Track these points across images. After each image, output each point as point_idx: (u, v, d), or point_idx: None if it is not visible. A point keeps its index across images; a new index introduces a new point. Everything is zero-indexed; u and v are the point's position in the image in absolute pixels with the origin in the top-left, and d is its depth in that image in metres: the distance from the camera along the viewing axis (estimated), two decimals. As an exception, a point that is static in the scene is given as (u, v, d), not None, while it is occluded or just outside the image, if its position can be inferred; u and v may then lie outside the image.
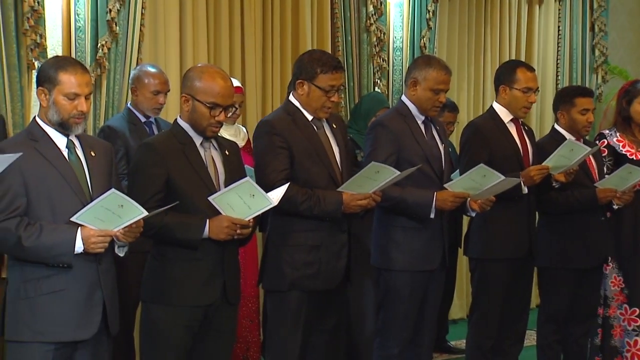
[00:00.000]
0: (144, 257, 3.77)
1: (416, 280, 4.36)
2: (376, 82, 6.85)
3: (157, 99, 4.92)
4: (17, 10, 4.89)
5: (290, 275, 3.99)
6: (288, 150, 3.98)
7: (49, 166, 3.26)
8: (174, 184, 3.59)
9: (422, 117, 4.43)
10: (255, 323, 5.40)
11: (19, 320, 3.23)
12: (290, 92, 4.16)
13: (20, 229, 3.17)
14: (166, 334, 3.59)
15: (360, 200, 3.98)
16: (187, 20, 5.77)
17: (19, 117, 4.88)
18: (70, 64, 3.33)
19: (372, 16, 6.76)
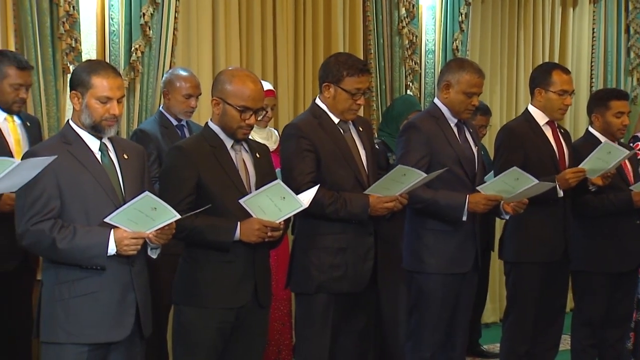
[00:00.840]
0: (176, 259, 3.78)
1: (448, 283, 4.34)
2: (408, 85, 6.84)
3: (188, 103, 4.95)
4: (52, 14, 4.95)
5: (317, 277, 4.00)
6: (314, 153, 3.98)
7: (83, 169, 3.28)
8: (205, 187, 3.61)
9: (454, 120, 4.42)
10: (287, 326, 5.40)
11: (54, 321, 3.25)
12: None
13: (54, 231, 3.19)
14: (198, 336, 3.60)
15: (387, 202, 3.97)
16: (219, 23, 5.79)
17: (54, 120, 4.93)
18: (103, 67, 3.36)
19: (405, 19, 6.75)
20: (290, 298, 5.40)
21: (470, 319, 4.58)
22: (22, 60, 4.43)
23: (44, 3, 4.86)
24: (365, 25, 6.59)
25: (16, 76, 4.33)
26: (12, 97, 4.34)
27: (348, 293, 4.04)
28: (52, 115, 4.94)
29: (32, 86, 4.65)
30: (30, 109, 4.82)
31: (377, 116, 6.44)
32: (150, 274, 3.51)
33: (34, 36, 4.82)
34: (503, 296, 5.64)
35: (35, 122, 4.60)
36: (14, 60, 4.35)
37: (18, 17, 4.81)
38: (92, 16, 5.24)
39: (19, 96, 4.36)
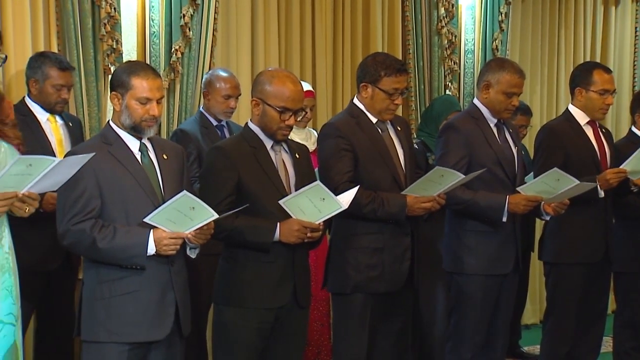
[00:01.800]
0: (215, 259, 3.80)
1: (489, 285, 4.31)
2: (447, 85, 6.80)
3: (228, 103, 4.97)
4: (94, 16, 4.99)
5: (353, 277, 4.00)
6: (352, 152, 3.98)
7: (122, 169, 3.30)
8: (244, 187, 3.62)
9: (494, 120, 4.39)
10: (325, 326, 5.40)
11: (95, 320, 3.28)
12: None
13: (95, 230, 3.22)
14: (238, 336, 3.61)
15: (425, 203, 3.96)
16: (258, 24, 5.81)
17: (95, 121, 4.98)
18: (142, 68, 3.38)
19: (444, 19, 6.71)
20: (329, 298, 5.40)
21: (510, 320, 4.55)
22: (64, 61, 4.48)
23: (86, 5, 4.91)
24: (404, 25, 6.57)
25: (58, 77, 4.38)
26: (54, 97, 4.39)
27: (385, 293, 4.03)
28: (94, 115, 4.98)
29: (73, 87, 4.70)
30: (72, 110, 4.86)
31: (416, 116, 6.42)
32: (190, 274, 3.53)
33: (75, 38, 4.86)
34: (543, 297, 5.59)
35: (77, 123, 4.65)
36: (55, 61, 4.40)
37: (60, 19, 4.86)
38: (132, 17, 5.28)
39: (61, 97, 4.41)
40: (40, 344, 4.53)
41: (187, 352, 3.63)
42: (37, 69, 4.39)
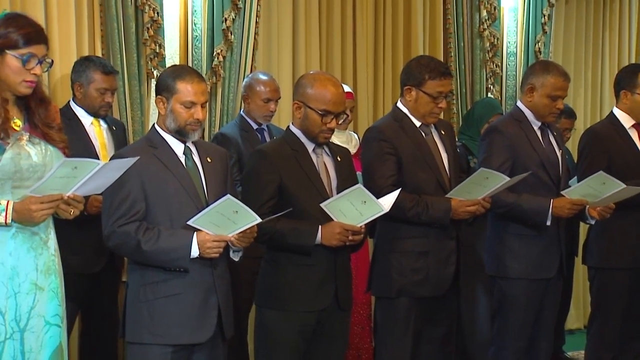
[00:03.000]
0: (256, 261, 3.81)
1: (532, 289, 4.28)
2: (489, 87, 6.76)
3: (268, 106, 4.99)
4: (137, 21, 5.03)
5: (398, 281, 3.99)
6: (396, 156, 3.97)
7: (167, 172, 3.33)
8: (286, 191, 3.62)
9: (538, 123, 4.37)
10: (366, 330, 5.39)
11: (139, 322, 3.31)
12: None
13: (140, 233, 3.25)
14: (280, 338, 3.62)
15: (470, 206, 3.94)
16: (299, 27, 5.82)
17: (139, 124, 5.02)
18: (188, 73, 3.40)
19: (486, 21, 6.67)
20: (370, 302, 5.39)
21: (554, 325, 4.51)
22: (107, 65, 4.53)
23: (129, 9, 4.96)
24: (445, 27, 6.54)
25: (102, 80, 4.43)
26: (98, 101, 4.44)
27: (430, 297, 4.01)
28: (137, 119, 5.02)
29: (117, 91, 4.75)
30: (115, 114, 4.91)
31: (458, 119, 6.39)
32: (232, 276, 3.54)
33: (119, 42, 4.91)
34: (587, 302, 5.54)
35: (120, 126, 4.69)
36: (99, 65, 4.45)
37: (105, 24, 4.92)
38: (175, 22, 5.32)
39: (104, 100, 4.45)
40: (85, 346, 4.58)
41: (229, 355, 3.64)
42: (81, 73, 4.44)
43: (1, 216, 2.87)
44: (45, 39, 3.01)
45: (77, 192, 2.89)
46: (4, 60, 2.93)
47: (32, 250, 2.97)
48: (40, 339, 2.97)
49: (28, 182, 2.92)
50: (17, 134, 2.97)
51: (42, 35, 3.00)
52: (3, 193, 2.92)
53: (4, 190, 2.92)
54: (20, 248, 2.95)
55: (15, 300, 2.93)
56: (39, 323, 2.97)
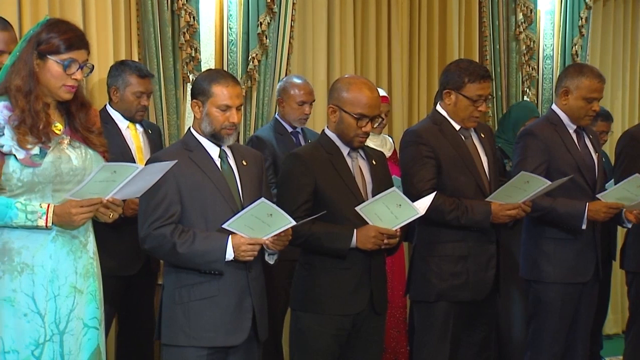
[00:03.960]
0: (291, 265, 3.82)
1: (568, 293, 4.25)
2: (525, 91, 6.73)
3: (302, 109, 5.00)
4: (173, 25, 5.07)
5: (437, 285, 3.97)
6: (435, 159, 3.96)
7: (203, 175, 3.35)
8: (321, 194, 3.63)
9: (573, 126, 4.34)
10: (402, 333, 5.38)
11: (175, 324, 3.33)
12: (438, 101, 4.14)
13: (175, 235, 3.27)
14: (315, 342, 3.63)
15: (510, 210, 3.92)
16: (334, 31, 5.83)
17: (174, 128, 5.05)
18: (223, 76, 3.42)
19: (522, 24, 6.65)
20: (406, 305, 5.38)
21: (590, 330, 4.47)
22: (143, 68, 4.57)
23: (166, 14, 4.99)
24: (481, 31, 6.52)
25: (137, 84, 4.46)
26: (134, 105, 4.47)
27: (469, 302, 4.00)
28: (173, 123, 5.06)
29: (153, 95, 4.78)
30: (151, 118, 4.95)
31: (493, 122, 6.36)
32: (267, 279, 3.55)
33: (156, 46, 4.95)
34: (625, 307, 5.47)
35: (156, 130, 4.72)
36: (135, 69, 4.48)
37: (141, 28, 4.96)
38: (211, 26, 5.35)
39: (140, 104, 4.48)
40: (122, 347, 4.61)
41: (264, 358, 3.65)
42: (117, 77, 4.48)
43: (42, 219, 2.91)
44: (86, 44, 3.04)
45: (116, 195, 2.92)
46: (45, 65, 2.97)
47: (72, 253, 3.00)
48: (78, 341, 3.00)
49: (68, 186, 2.95)
50: (58, 137, 3.00)
51: (84, 41, 3.03)
52: (44, 197, 2.95)
53: (44, 193, 2.95)
54: (60, 251, 2.98)
55: (55, 303, 2.95)
56: (77, 326, 2.99)
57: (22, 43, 3.01)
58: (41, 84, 2.97)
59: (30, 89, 2.95)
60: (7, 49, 3.80)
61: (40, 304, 2.93)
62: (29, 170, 2.92)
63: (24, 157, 2.92)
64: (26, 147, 2.92)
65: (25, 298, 2.92)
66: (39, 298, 2.93)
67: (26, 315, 2.92)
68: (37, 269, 2.94)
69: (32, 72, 2.96)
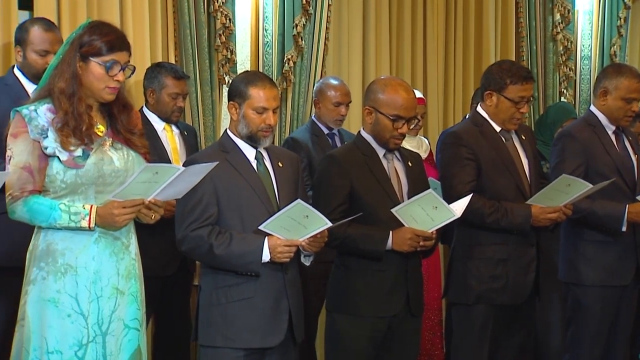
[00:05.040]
0: (326, 267, 3.82)
1: (607, 296, 4.20)
2: (562, 92, 6.68)
3: (339, 111, 5.00)
4: (209, 27, 5.10)
5: (476, 288, 3.95)
6: (475, 161, 3.93)
7: (239, 177, 3.36)
8: (357, 196, 3.62)
9: (612, 127, 4.29)
10: (437, 336, 5.36)
11: (211, 326, 3.34)
12: (477, 103, 4.11)
13: (212, 237, 3.28)
14: (350, 343, 3.62)
15: (551, 213, 3.88)
16: (370, 33, 5.82)
17: (210, 130, 5.08)
18: (260, 79, 3.43)
19: (559, 24, 6.60)
20: (441, 308, 5.36)
21: (630, 333, 4.42)
22: (179, 70, 4.59)
23: (202, 16, 5.02)
24: (517, 31, 6.48)
25: (173, 85, 4.48)
26: (170, 106, 4.49)
27: (508, 305, 3.97)
28: (209, 125, 5.08)
29: (189, 97, 4.81)
30: (187, 119, 4.98)
31: (531, 124, 6.31)
32: (302, 281, 3.55)
33: (192, 48, 4.98)
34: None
35: (192, 132, 4.74)
36: (170, 71, 4.51)
37: (178, 30, 4.99)
38: (246, 28, 5.37)
39: (176, 105, 4.51)
40: (159, 348, 4.63)
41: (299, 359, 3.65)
42: (153, 79, 4.51)
43: (85, 221, 2.93)
44: (127, 46, 3.06)
45: (158, 197, 2.93)
46: (87, 67, 2.98)
47: (114, 254, 3.02)
48: (119, 342, 3.01)
49: (110, 187, 2.97)
50: (100, 139, 3.02)
51: (125, 43, 3.05)
52: (87, 198, 2.97)
53: (87, 195, 2.97)
54: (103, 253, 2.99)
55: (98, 304, 2.97)
56: (119, 327, 3.01)
57: (65, 45, 3.03)
58: (84, 86, 2.99)
59: (73, 91, 2.97)
60: (52, 50, 3.85)
61: (84, 305, 2.95)
62: (72, 172, 2.94)
63: (67, 159, 2.94)
64: (69, 149, 2.94)
65: (69, 299, 2.94)
66: (82, 299, 2.95)
67: (70, 316, 2.94)
68: (80, 270, 2.96)
69: (75, 74, 2.97)
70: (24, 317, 2.97)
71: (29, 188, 2.94)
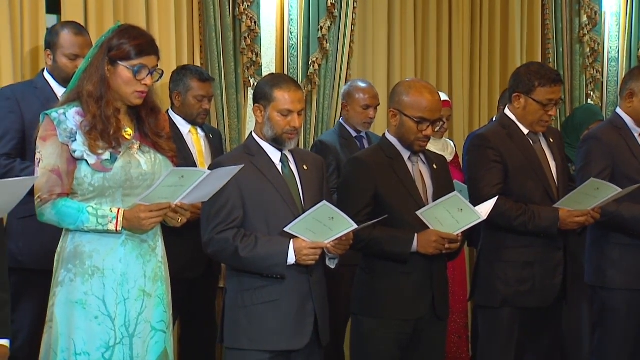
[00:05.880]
0: (354, 270, 3.81)
1: (634, 300, 4.17)
2: (589, 94, 6.64)
3: (367, 113, 5.00)
4: (235, 30, 5.12)
5: (502, 291, 3.93)
6: (502, 164, 3.92)
7: (264, 179, 3.37)
8: (382, 198, 3.62)
9: (638, 130, 4.26)
10: (463, 339, 5.34)
11: (237, 328, 3.35)
12: (504, 105, 4.09)
13: (238, 239, 3.29)
14: (376, 346, 3.62)
15: (578, 217, 3.86)
16: (395, 35, 5.82)
17: (235, 132, 5.10)
18: (285, 81, 3.44)
19: (586, 26, 6.56)
20: (467, 311, 5.34)
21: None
22: (204, 72, 4.61)
23: (227, 19, 5.04)
24: (544, 33, 6.45)
25: (199, 88, 4.51)
26: (196, 108, 4.51)
27: (535, 308, 3.95)
28: (234, 127, 5.10)
29: (215, 99, 4.83)
30: (213, 122, 5.00)
31: (557, 126, 6.28)
32: (328, 284, 3.55)
33: (217, 51, 5.00)
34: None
35: (217, 134, 4.76)
36: (196, 73, 4.53)
37: (203, 34, 5.02)
38: (272, 30, 5.38)
39: (202, 107, 4.53)
40: (185, 351, 4.65)
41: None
42: (179, 81, 4.53)
43: (112, 224, 2.94)
44: (156, 50, 3.07)
45: (184, 200, 2.94)
46: (116, 71, 3.00)
47: (141, 257, 3.03)
48: (146, 344, 3.02)
49: (138, 191, 2.99)
50: (128, 143, 3.03)
51: (154, 47, 3.07)
52: (114, 201, 2.99)
53: (114, 198, 2.99)
54: (130, 255, 3.01)
55: (125, 306, 2.99)
56: (145, 329, 3.02)
57: (94, 49, 3.05)
58: (112, 89, 3.01)
59: (101, 95, 2.99)
60: (82, 54, 3.87)
61: (111, 307, 2.97)
62: (100, 175, 2.96)
63: (95, 162, 2.96)
64: (97, 153, 2.96)
65: (96, 301, 2.96)
66: (110, 301, 2.97)
67: (97, 318, 2.96)
68: (108, 273, 2.98)
69: (104, 77, 2.99)
70: (52, 319, 3.00)
71: (57, 191, 2.96)
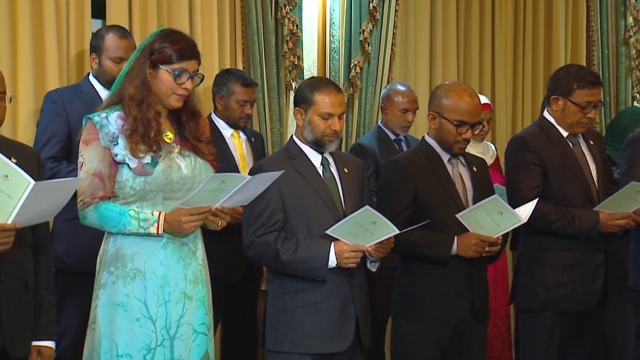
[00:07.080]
0: (393, 272, 3.81)
1: (679, 304, 4.11)
2: (635, 96, 6.57)
3: (405, 117, 4.99)
4: (277, 33, 5.15)
5: (543, 295, 3.91)
6: (541, 167, 3.89)
7: (305, 182, 3.38)
8: (421, 201, 3.62)
9: (684, 133, 4.20)
10: (506, 343, 5.30)
11: (278, 331, 3.36)
12: (545, 107, 4.07)
13: (278, 242, 3.30)
14: (417, 349, 3.61)
15: (619, 220, 3.82)
16: (437, 38, 5.80)
17: (277, 135, 5.12)
18: (325, 84, 3.45)
19: (632, 28, 6.50)
20: (509, 315, 5.30)
21: None
22: (247, 77, 4.64)
23: (269, 23, 5.07)
24: (588, 35, 6.40)
25: (241, 93, 4.53)
26: (238, 113, 4.54)
27: (576, 312, 3.92)
28: (276, 131, 5.12)
29: (257, 103, 4.85)
30: (255, 125, 5.02)
31: (601, 129, 6.22)
32: (369, 287, 3.55)
33: (260, 55, 5.03)
34: None
35: (259, 138, 4.78)
36: (239, 78, 4.56)
37: (246, 37, 5.05)
38: (313, 34, 5.40)
39: (244, 112, 4.55)
40: (226, 353, 4.68)
41: (367, 365, 3.65)
42: (222, 85, 4.56)
43: (153, 227, 2.97)
44: (197, 55, 3.09)
45: (225, 204, 2.96)
46: (157, 75, 3.03)
47: (181, 260, 3.05)
48: (188, 347, 3.04)
49: (178, 194, 3.01)
50: (168, 146, 3.06)
51: (195, 51, 3.09)
52: (155, 204, 3.01)
53: (155, 201, 3.01)
54: (170, 258, 3.03)
55: (166, 308, 3.00)
56: (187, 331, 3.04)
57: (136, 53, 3.09)
58: (153, 92, 3.04)
59: (142, 98, 3.02)
60: (127, 56, 3.90)
61: (152, 309, 2.99)
62: (141, 179, 2.98)
63: (136, 166, 2.98)
64: (138, 156, 2.98)
65: (137, 303, 2.98)
66: (151, 303, 2.99)
67: (138, 320, 2.98)
68: (149, 275, 3.00)
69: (145, 81, 3.02)
70: (95, 321, 3.03)
71: (99, 194, 2.99)
